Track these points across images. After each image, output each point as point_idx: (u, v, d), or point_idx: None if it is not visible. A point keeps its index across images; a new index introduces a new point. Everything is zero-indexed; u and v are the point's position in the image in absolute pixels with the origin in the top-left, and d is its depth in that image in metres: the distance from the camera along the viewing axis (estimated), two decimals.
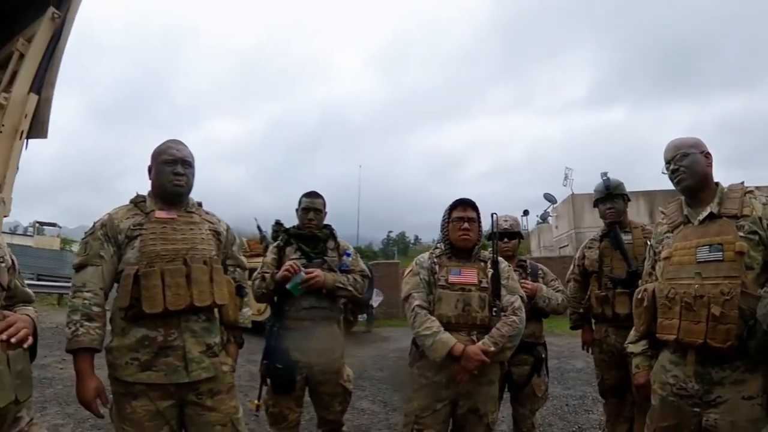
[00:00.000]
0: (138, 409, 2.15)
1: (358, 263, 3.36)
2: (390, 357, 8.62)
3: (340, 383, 3.17)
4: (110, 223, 2.26)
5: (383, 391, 6.05)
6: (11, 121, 2.72)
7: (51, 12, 2.88)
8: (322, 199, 3.33)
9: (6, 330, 1.65)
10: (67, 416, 4.69)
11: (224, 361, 2.36)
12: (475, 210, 2.78)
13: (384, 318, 14.41)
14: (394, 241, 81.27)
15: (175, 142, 2.41)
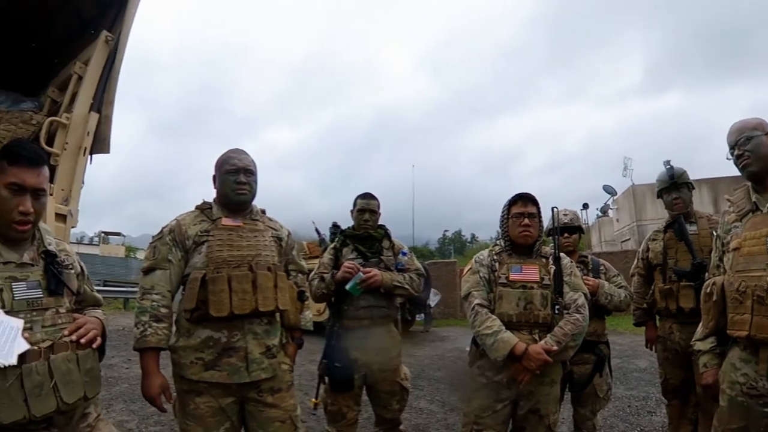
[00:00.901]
0: (201, 406, 2.23)
1: (413, 262, 3.35)
2: (448, 357, 8.48)
3: (397, 381, 3.17)
4: (178, 229, 2.34)
5: (441, 391, 5.99)
6: (74, 138, 2.87)
7: (104, 35, 3.03)
8: (377, 200, 3.35)
9: (76, 331, 1.74)
10: (132, 413, 4.88)
11: (283, 361, 2.41)
12: (535, 205, 2.70)
13: (442, 317, 14.32)
14: (450, 240, 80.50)
15: (237, 152, 2.47)
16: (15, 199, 1.68)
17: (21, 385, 1.55)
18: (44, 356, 1.63)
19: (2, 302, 1.62)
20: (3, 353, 1.52)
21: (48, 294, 1.74)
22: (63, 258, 1.86)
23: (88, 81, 2.99)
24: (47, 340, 1.67)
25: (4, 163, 1.69)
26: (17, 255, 1.72)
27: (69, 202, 2.82)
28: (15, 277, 1.68)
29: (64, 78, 3.29)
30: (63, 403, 1.64)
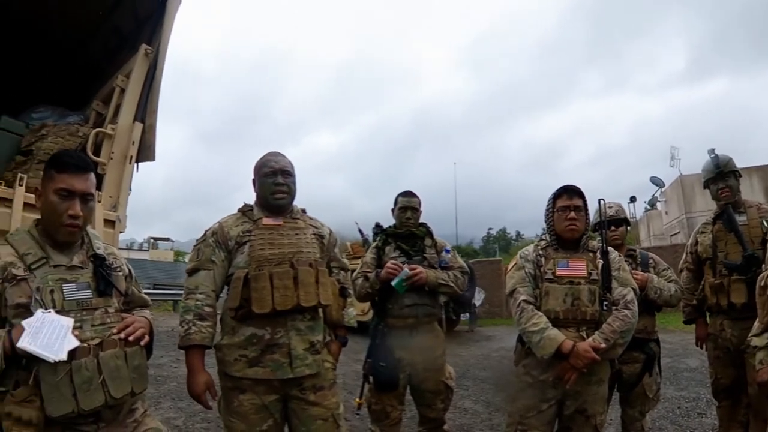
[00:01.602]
0: (245, 403, 2.27)
1: (457, 260, 3.32)
2: (493, 356, 8.42)
3: (442, 381, 3.14)
4: (221, 231, 2.39)
5: (486, 391, 5.94)
6: (120, 148, 2.99)
7: (144, 48, 3.14)
8: (418, 198, 3.32)
9: (125, 329, 1.82)
10: (179, 410, 5.01)
11: (326, 359, 2.43)
12: (581, 197, 2.62)
13: (487, 317, 14.18)
14: (494, 238, 79.35)
15: (274, 154, 2.51)
16: (64, 204, 1.78)
17: (70, 380, 1.64)
18: (93, 353, 1.71)
19: (53, 302, 1.72)
20: (53, 349, 1.61)
21: (97, 295, 1.84)
22: (111, 261, 1.96)
23: (131, 93, 3.09)
24: (96, 338, 1.75)
25: (52, 172, 1.80)
26: (67, 258, 1.83)
27: (117, 208, 2.94)
28: (65, 278, 1.78)
29: (107, 91, 3.42)
30: (111, 398, 1.72)
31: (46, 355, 1.60)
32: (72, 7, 3.78)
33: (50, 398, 1.61)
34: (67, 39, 4.12)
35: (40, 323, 1.64)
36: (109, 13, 3.82)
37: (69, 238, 1.83)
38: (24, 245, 1.79)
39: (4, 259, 1.74)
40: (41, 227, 1.87)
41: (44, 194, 1.82)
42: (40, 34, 4.06)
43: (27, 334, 1.61)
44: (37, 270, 1.75)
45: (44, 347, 1.60)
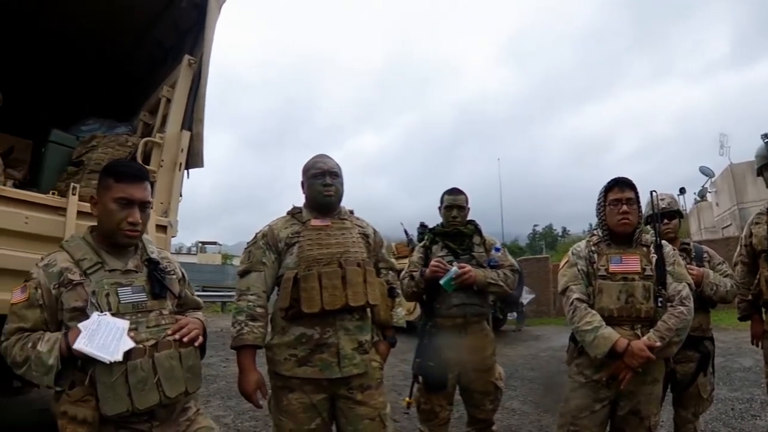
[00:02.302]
0: (293, 402, 2.29)
1: (507, 258, 3.26)
2: (542, 357, 8.32)
3: (491, 381, 3.10)
4: (271, 233, 2.44)
5: (535, 392, 5.84)
6: (169, 155, 3.07)
7: (187, 59, 3.21)
8: (464, 195, 3.28)
9: (179, 330, 1.88)
10: (228, 408, 5.11)
11: (373, 358, 2.44)
12: (633, 190, 2.54)
13: (535, 316, 13.98)
14: (540, 235, 77.89)
15: (321, 156, 2.56)
16: (124, 212, 1.86)
17: (126, 380, 1.69)
18: (149, 354, 1.77)
19: (109, 305, 1.79)
20: (110, 350, 1.66)
21: (152, 297, 1.92)
22: (165, 264, 2.03)
23: (177, 102, 3.17)
24: (152, 339, 1.81)
25: (110, 181, 1.87)
26: (121, 263, 1.90)
27: (168, 214, 3.02)
28: (120, 282, 1.85)
29: (153, 102, 3.52)
30: (165, 397, 1.77)
31: (102, 356, 1.65)
32: (115, 24, 3.91)
33: (106, 398, 1.68)
34: (112, 54, 4.28)
35: (96, 325, 1.71)
36: (151, 26, 3.93)
37: (127, 241, 1.91)
38: (79, 251, 1.87)
39: (60, 265, 1.82)
40: (96, 233, 1.94)
41: (102, 202, 1.89)
42: (86, 51, 4.23)
43: (83, 336, 1.67)
44: (92, 275, 1.82)
45: (100, 348, 1.66)
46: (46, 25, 4.00)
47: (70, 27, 3.96)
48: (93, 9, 3.71)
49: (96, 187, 2.77)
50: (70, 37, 4.08)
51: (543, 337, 10.69)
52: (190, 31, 3.55)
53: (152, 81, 3.94)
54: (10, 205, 2.52)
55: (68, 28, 3.97)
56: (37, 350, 1.70)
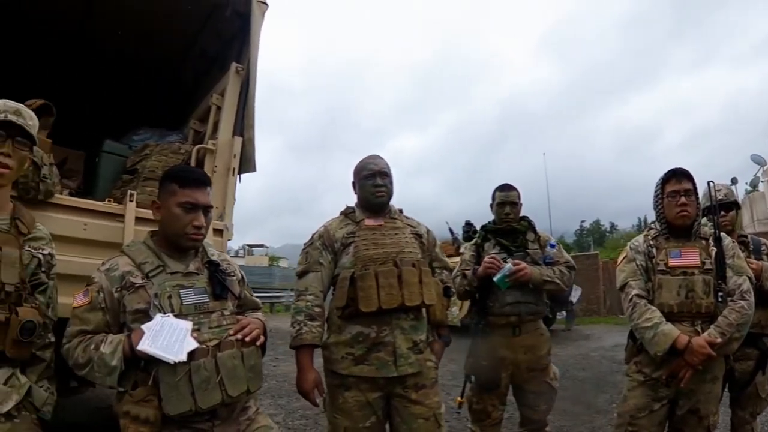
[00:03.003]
0: (349, 400, 2.32)
1: (562, 254, 3.19)
2: (593, 356, 8.12)
3: (546, 381, 3.05)
4: (326, 234, 2.49)
5: (587, 392, 5.72)
6: (222, 161, 3.14)
7: (234, 66, 3.28)
8: (516, 191, 3.22)
9: (241, 330, 1.91)
10: (279, 407, 5.14)
11: (428, 358, 2.44)
12: (691, 181, 2.47)
13: (584, 315, 13.69)
14: (588, 231, 75.90)
15: (372, 157, 2.59)
16: (189, 216, 1.91)
17: (189, 380, 1.72)
18: (212, 353, 1.79)
19: (171, 307, 1.82)
20: (173, 351, 1.69)
21: (213, 299, 1.94)
22: (225, 266, 2.07)
23: (227, 109, 3.23)
24: (214, 340, 1.83)
25: (174, 186, 1.91)
26: (183, 266, 1.95)
27: (224, 217, 3.09)
28: (182, 284, 1.90)
29: (203, 110, 3.62)
30: (227, 397, 1.80)
31: (165, 356, 1.68)
32: (161, 36, 4.02)
33: (169, 397, 1.70)
34: (159, 65, 4.41)
35: (160, 326, 1.74)
36: (195, 36, 4.03)
37: (191, 244, 1.96)
38: (141, 255, 1.92)
39: (122, 269, 1.87)
40: (157, 238, 1.99)
41: (166, 207, 1.94)
42: (134, 63, 4.37)
43: (147, 337, 1.70)
44: (154, 277, 1.86)
45: (164, 349, 1.69)
46: (96, 41, 4.16)
47: (117, 41, 4.10)
48: (139, 22, 3.83)
49: (151, 194, 2.90)
50: (117, 50, 4.22)
51: (593, 337, 10.46)
52: (234, 40, 3.62)
53: (199, 90, 4.05)
54: (68, 213, 2.60)
55: (116, 41, 4.11)
56: (100, 352, 1.74)
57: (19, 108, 1.81)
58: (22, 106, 1.84)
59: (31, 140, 1.84)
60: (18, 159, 1.80)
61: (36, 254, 1.87)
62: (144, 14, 3.75)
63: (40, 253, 1.89)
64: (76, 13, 3.91)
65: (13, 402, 1.72)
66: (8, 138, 1.76)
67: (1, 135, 1.75)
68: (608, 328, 11.68)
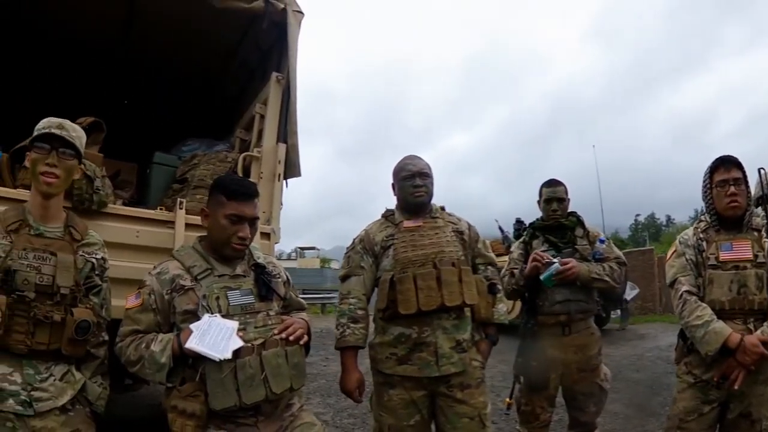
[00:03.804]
0: (394, 398, 2.36)
1: (612, 250, 3.12)
2: (647, 357, 7.92)
3: (596, 382, 2.99)
4: (366, 238, 2.54)
5: (639, 394, 5.62)
6: (268, 167, 3.24)
7: (275, 76, 3.37)
8: (563, 186, 3.17)
9: (285, 330, 1.97)
10: (328, 406, 5.25)
11: (473, 357, 2.44)
12: (740, 169, 2.38)
13: (639, 313, 13.24)
14: (643, 225, 72.80)
15: (411, 158, 2.61)
16: (234, 227, 1.98)
17: (234, 377, 1.79)
18: (257, 352, 1.86)
19: (219, 308, 1.90)
20: (219, 349, 1.77)
21: (259, 299, 2.01)
22: (271, 269, 2.13)
23: (270, 117, 3.33)
24: (259, 339, 1.90)
25: (222, 198, 1.99)
26: (230, 269, 2.03)
27: (271, 222, 3.19)
28: (229, 286, 1.97)
29: (247, 119, 3.72)
30: (271, 393, 1.86)
31: (212, 354, 1.76)
32: (204, 50, 4.19)
33: (215, 393, 1.79)
34: (204, 78, 4.59)
35: (207, 326, 1.82)
36: (236, 48, 4.17)
37: (235, 254, 2.04)
38: (189, 259, 2.01)
39: (172, 272, 1.96)
40: (206, 243, 2.08)
41: (213, 217, 2.02)
42: (179, 77, 4.57)
43: (195, 336, 1.79)
44: (203, 280, 1.95)
45: (211, 347, 1.77)
46: (140, 60, 4.36)
47: (163, 57, 4.29)
48: (182, 39, 3.99)
49: (200, 201, 3.02)
50: (164, 66, 4.42)
51: (648, 336, 10.15)
52: (273, 50, 3.72)
53: (243, 99, 4.18)
54: (122, 222, 2.74)
55: (162, 58, 4.30)
56: (150, 350, 1.84)
57: (61, 122, 1.96)
58: (65, 120, 1.99)
59: (75, 151, 1.98)
60: (64, 169, 1.94)
61: (89, 259, 2.02)
62: (183, 33, 3.91)
63: (94, 257, 2.04)
64: (117, 36, 4.11)
65: (68, 396, 1.88)
66: (53, 150, 1.92)
67: (46, 147, 1.91)
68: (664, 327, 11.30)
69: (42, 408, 1.81)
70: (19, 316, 1.80)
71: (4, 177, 2.73)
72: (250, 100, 3.81)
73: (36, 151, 1.91)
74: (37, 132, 1.93)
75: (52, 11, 3.79)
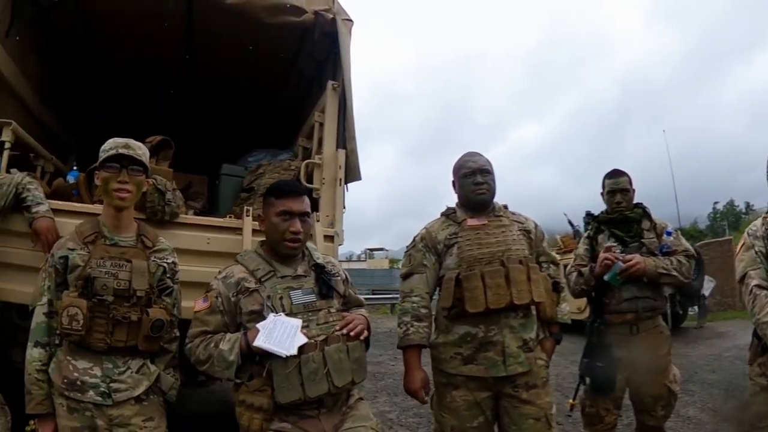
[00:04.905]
0: (457, 399, 2.36)
1: (680, 242, 3.01)
2: (725, 357, 7.44)
3: (665, 384, 2.89)
4: (428, 236, 2.55)
5: (715, 398, 5.34)
6: (329, 173, 3.36)
7: (330, 84, 3.52)
8: (627, 177, 3.08)
9: (346, 326, 2.05)
10: (394, 405, 5.32)
11: (539, 356, 2.43)
12: None
13: (718, 309, 12.45)
14: (721, 213, 67.99)
15: (471, 155, 2.60)
16: (286, 224, 2.09)
17: (299, 372, 1.90)
18: (319, 348, 1.96)
19: (283, 307, 2.01)
20: (285, 346, 1.88)
21: (320, 298, 2.10)
22: (330, 268, 2.23)
23: (329, 124, 3.46)
24: (322, 335, 2.00)
25: (272, 199, 2.14)
26: (291, 270, 2.13)
27: (334, 224, 3.31)
28: (292, 286, 2.08)
29: (308, 128, 3.87)
30: (334, 387, 1.96)
31: (279, 351, 1.88)
32: (264, 65, 4.39)
33: (281, 387, 1.90)
34: (266, 91, 4.81)
35: (273, 324, 1.94)
36: (293, 61, 4.34)
37: (290, 251, 2.13)
38: (253, 263, 2.12)
39: (237, 276, 2.08)
40: (266, 246, 2.19)
41: (267, 218, 2.15)
42: (243, 92, 4.82)
43: (262, 335, 1.91)
44: (266, 282, 2.06)
45: (277, 344, 1.89)
46: (205, 77, 4.64)
47: (224, 74, 4.55)
48: (240, 55, 4.19)
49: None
50: (226, 82, 4.68)
51: (728, 335, 9.52)
52: (328, 59, 3.85)
53: (303, 109, 4.35)
54: (193, 230, 2.94)
55: (223, 75, 4.57)
56: (219, 349, 1.96)
57: (127, 142, 2.17)
58: (129, 139, 2.20)
59: (143, 166, 2.18)
60: (135, 184, 2.15)
61: (161, 263, 2.22)
62: (241, 50, 4.10)
63: (165, 262, 2.24)
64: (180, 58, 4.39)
65: (144, 387, 2.09)
66: (123, 168, 2.12)
67: (116, 167, 2.12)
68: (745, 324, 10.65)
69: (120, 398, 2.01)
70: (98, 318, 2.00)
71: (83, 194, 3.04)
72: (309, 109, 3.96)
73: (107, 170, 2.11)
74: (104, 153, 2.13)
75: (120, 42, 4.13)
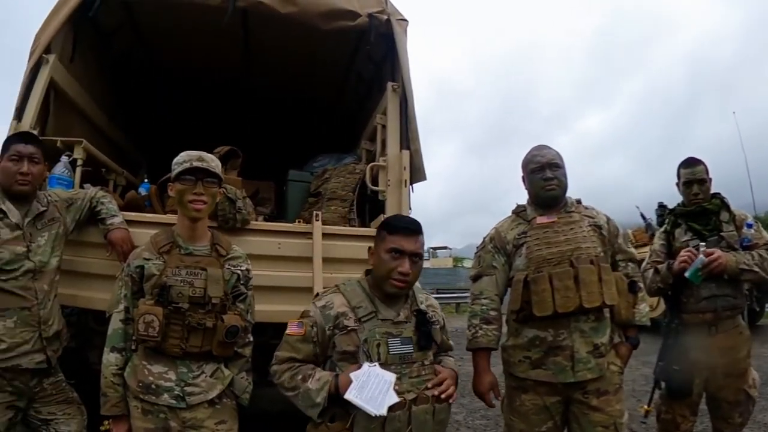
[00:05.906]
0: (527, 402, 2.34)
1: (762, 234, 2.84)
2: None
3: (743, 389, 2.76)
4: (498, 236, 2.52)
5: None
6: (394, 175, 3.36)
7: (390, 85, 3.52)
8: (703, 165, 2.93)
9: (438, 385, 1.97)
10: (461, 406, 5.25)
11: (612, 361, 2.36)
12: None
13: None
14: None
15: (539, 148, 2.52)
16: (395, 262, 1.97)
17: (382, 427, 1.84)
18: (407, 407, 1.87)
19: (378, 355, 1.91)
20: (376, 404, 1.82)
21: (417, 349, 1.99)
22: (431, 314, 2.12)
23: (391, 126, 3.47)
24: (412, 392, 1.91)
25: (384, 233, 2.05)
26: (394, 313, 2.01)
27: None
28: (391, 333, 1.97)
29: (370, 130, 3.91)
30: None
31: (369, 408, 1.79)
32: (324, 71, 4.50)
33: None
34: (327, 97, 4.92)
35: (366, 377, 1.85)
36: (351, 65, 4.41)
37: (397, 291, 2.01)
38: (356, 297, 2.02)
39: (337, 309, 2.00)
40: (371, 280, 2.09)
41: (376, 252, 2.06)
42: (306, 99, 4.95)
43: (354, 387, 1.83)
44: (366, 323, 1.96)
45: (368, 401, 1.80)
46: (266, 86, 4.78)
47: (285, 82, 4.68)
48: (299, 62, 4.32)
49: (334, 212, 3.31)
50: (287, 90, 4.81)
51: None
52: (385, 60, 3.87)
53: (364, 112, 4.40)
54: (264, 236, 3.01)
55: (284, 83, 4.69)
56: (306, 386, 1.90)
57: (200, 155, 2.23)
58: (202, 152, 2.26)
59: (217, 178, 2.25)
60: (210, 195, 2.21)
61: (235, 271, 2.28)
62: (299, 57, 4.23)
63: (239, 269, 2.30)
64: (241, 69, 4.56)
65: (218, 391, 2.15)
66: (198, 180, 2.18)
67: (191, 179, 2.19)
68: None
69: (193, 401, 2.07)
70: (174, 324, 2.06)
71: (155, 205, 3.19)
72: (370, 112, 4.01)
73: (182, 182, 2.18)
74: (178, 165, 2.19)
75: (181, 57, 4.33)
